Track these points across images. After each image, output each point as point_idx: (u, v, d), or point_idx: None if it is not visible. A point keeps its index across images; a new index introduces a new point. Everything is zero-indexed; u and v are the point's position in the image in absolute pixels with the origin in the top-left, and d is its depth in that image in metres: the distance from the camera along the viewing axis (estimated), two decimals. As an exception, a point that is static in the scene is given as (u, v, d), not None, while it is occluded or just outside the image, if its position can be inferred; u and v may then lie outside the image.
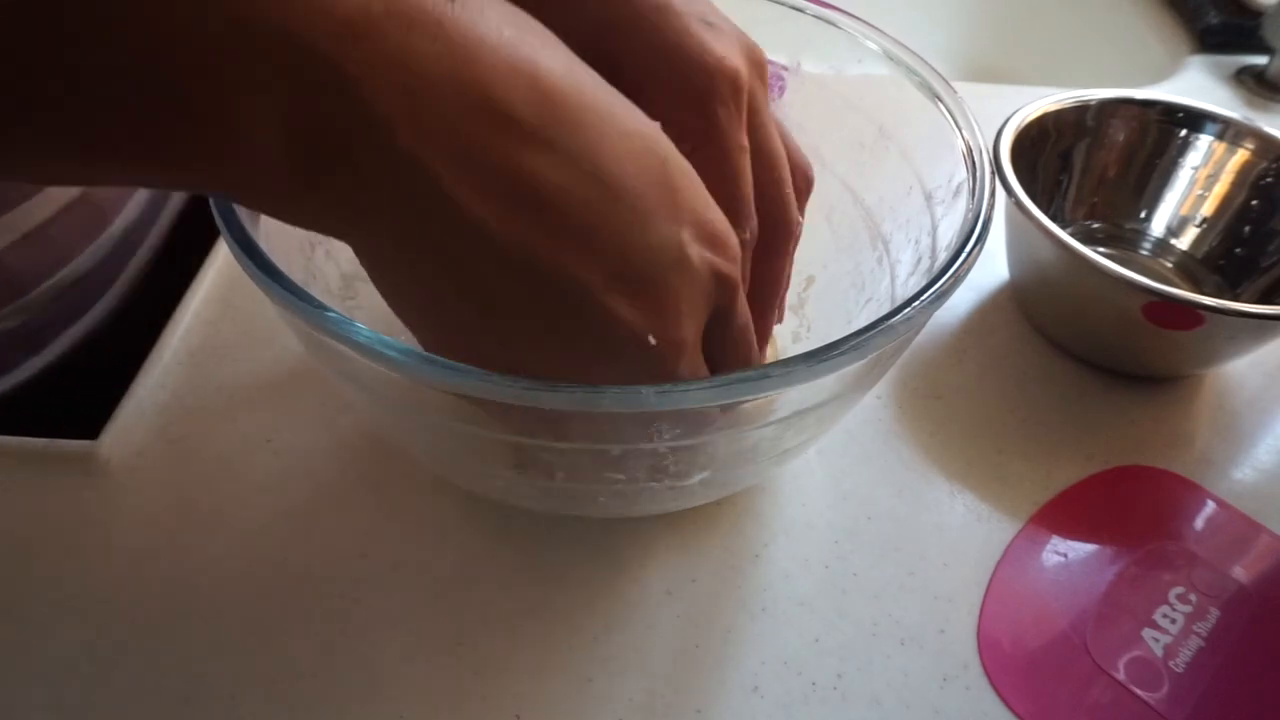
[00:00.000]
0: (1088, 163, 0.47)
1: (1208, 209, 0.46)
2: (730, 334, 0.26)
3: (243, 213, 0.26)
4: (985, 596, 0.34)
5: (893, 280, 0.35)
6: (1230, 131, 0.45)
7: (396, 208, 0.20)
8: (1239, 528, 0.37)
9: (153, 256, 0.49)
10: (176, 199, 0.51)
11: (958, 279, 0.27)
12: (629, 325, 0.22)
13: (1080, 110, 0.46)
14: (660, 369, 0.24)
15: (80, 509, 0.35)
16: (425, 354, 0.23)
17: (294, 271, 0.25)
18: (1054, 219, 0.38)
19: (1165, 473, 0.39)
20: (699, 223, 0.23)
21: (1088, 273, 0.37)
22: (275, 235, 0.29)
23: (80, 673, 0.30)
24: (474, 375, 0.22)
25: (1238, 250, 0.45)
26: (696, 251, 0.23)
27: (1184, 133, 0.46)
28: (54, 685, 0.30)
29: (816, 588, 0.34)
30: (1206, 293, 0.44)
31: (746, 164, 0.27)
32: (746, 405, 0.26)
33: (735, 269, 0.25)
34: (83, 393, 0.41)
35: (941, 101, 0.34)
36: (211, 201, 0.26)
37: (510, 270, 0.21)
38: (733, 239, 0.24)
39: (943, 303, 0.26)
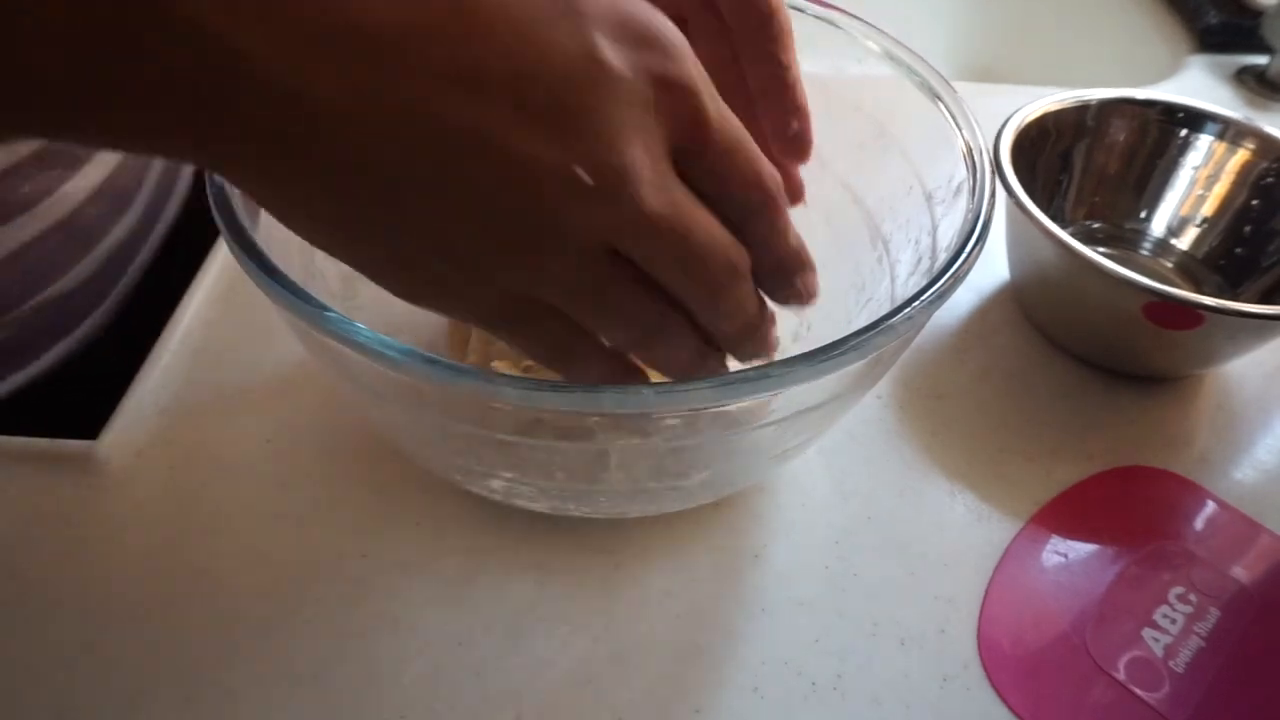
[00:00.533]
0: (1088, 162, 0.47)
1: (1208, 209, 0.46)
2: (713, 155, 0.21)
3: (242, 213, 0.26)
4: (985, 596, 0.34)
5: (893, 280, 0.35)
6: (1230, 131, 0.45)
7: (233, 111, 0.17)
8: (1239, 528, 0.37)
9: (144, 273, 0.49)
10: (168, 216, 0.51)
11: (958, 279, 0.27)
12: (550, 162, 0.18)
13: (1080, 110, 0.46)
14: (616, 212, 0.19)
15: (80, 509, 0.35)
16: (425, 354, 0.23)
17: (294, 271, 0.25)
18: (1054, 219, 0.38)
19: (1165, 473, 0.39)
20: (615, 19, 0.19)
21: (1088, 273, 0.37)
22: (275, 235, 0.29)
23: (80, 672, 0.30)
24: (474, 375, 0.22)
25: (1238, 250, 0.45)
26: (618, 56, 0.18)
27: (1184, 133, 0.46)
28: (54, 685, 0.30)
29: (816, 588, 0.34)
30: (1207, 293, 0.44)
31: None
32: (746, 403, 0.26)
33: (684, 67, 0.20)
34: (81, 395, 0.41)
35: (941, 101, 0.34)
36: (211, 202, 0.26)
37: (386, 139, 0.18)
38: (672, 32, 0.20)
39: (943, 303, 0.26)
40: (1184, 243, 0.47)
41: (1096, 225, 0.48)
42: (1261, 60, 0.65)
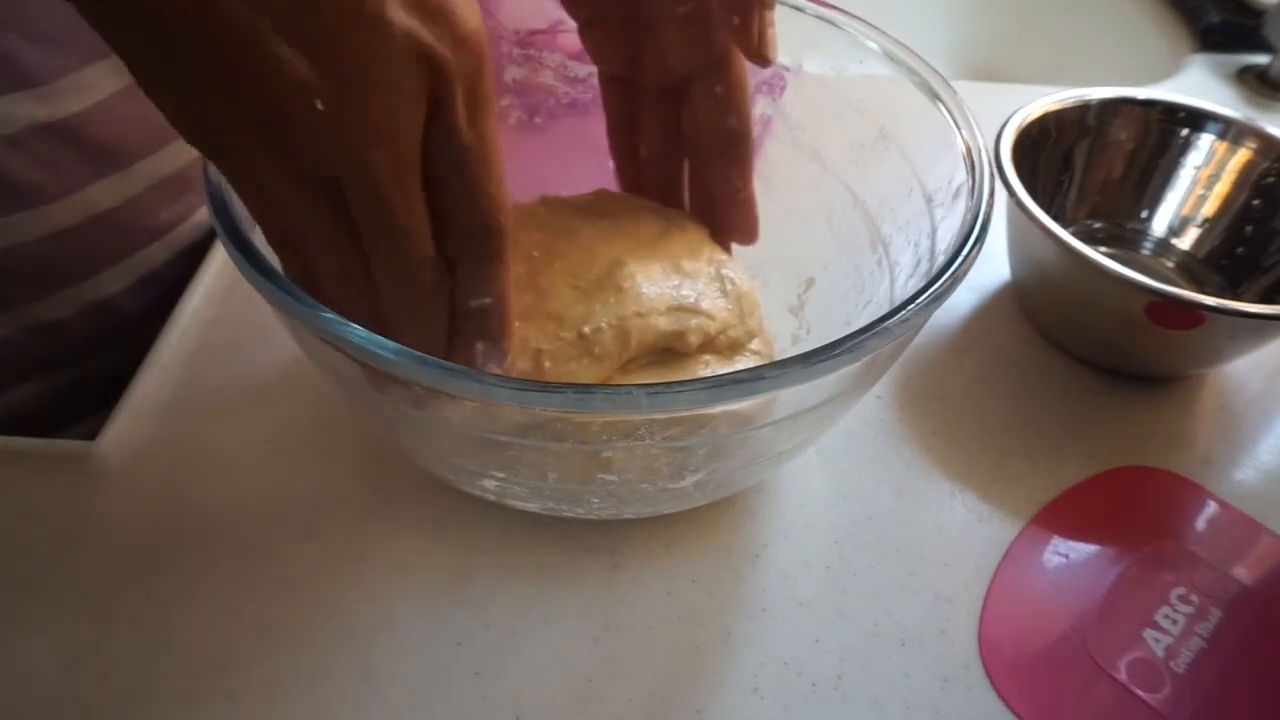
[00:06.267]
0: (1089, 162, 0.47)
1: (1209, 209, 0.46)
2: (451, 146, 0.22)
3: (239, 214, 0.26)
4: (986, 597, 0.34)
5: (892, 282, 0.34)
6: (1232, 131, 0.45)
7: None
8: (1240, 528, 0.37)
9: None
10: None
11: (955, 280, 0.27)
12: (297, 78, 0.19)
13: (1081, 109, 0.46)
14: (346, 153, 0.21)
15: (80, 509, 0.35)
16: (420, 354, 0.23)
17: (291, 272, 0.25)
18: (1055, 219, 0.38)
19: (1166, 473, 0.39)
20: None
21: (1089, 273, 0.37)
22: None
23: (79, 672, 0.30)
24: (469, 376, 0.22)
25: (1239, 250, 0.45)
26: (400, 17, 0.20)
27: (1185, 132, 0.46)
28: (53, 685, 0.30)
29: (816, 588, 0.34)
30: (1208, 292, 0.44)
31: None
32: (745, 405, 0.26)
33: (454, 55, 0.21)
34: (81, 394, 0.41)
35: (942, 101, 0.34)
36: (209, 203, 0.26)
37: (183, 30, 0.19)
38: (468, 17, 0.21)
39: (939, 305, 0.26)
40: (1185, 242, 0.47)
41: (1098, 225, 0.48)
42: (1263, 60, 0.65)
